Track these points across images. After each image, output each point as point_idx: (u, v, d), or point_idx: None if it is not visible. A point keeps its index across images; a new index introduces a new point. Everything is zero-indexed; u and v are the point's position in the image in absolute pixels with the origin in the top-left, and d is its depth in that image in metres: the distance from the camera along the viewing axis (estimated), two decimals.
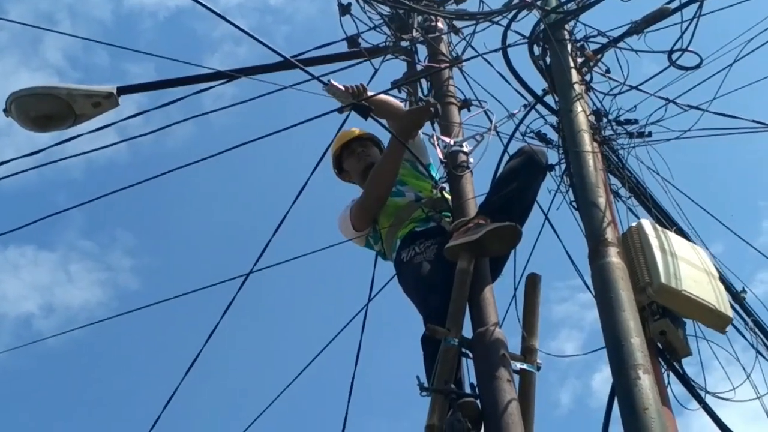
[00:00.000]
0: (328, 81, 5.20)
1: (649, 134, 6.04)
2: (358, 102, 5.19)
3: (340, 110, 5.32)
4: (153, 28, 17.42)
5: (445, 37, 6.47)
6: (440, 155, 5.50)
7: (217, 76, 5.93)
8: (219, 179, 15.46)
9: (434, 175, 5.55)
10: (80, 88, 5.56)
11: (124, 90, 5.71)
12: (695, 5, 5.44)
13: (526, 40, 5.89)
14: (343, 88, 5.21)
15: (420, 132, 5.59)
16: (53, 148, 5.54)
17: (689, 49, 5.59)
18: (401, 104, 5.71)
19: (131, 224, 17.05)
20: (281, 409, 6.39)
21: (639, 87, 6.05)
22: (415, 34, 6.38)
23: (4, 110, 5.47)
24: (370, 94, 5.42)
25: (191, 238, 16.78)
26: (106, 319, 6.89)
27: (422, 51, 6.45)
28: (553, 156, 5.59)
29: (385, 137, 5.70)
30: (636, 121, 6.05)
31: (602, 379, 15.81)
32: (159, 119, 5.96)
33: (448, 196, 5.41)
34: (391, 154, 5.43)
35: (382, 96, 5.62)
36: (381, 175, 5.45)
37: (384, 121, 5.51)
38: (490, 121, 5.78)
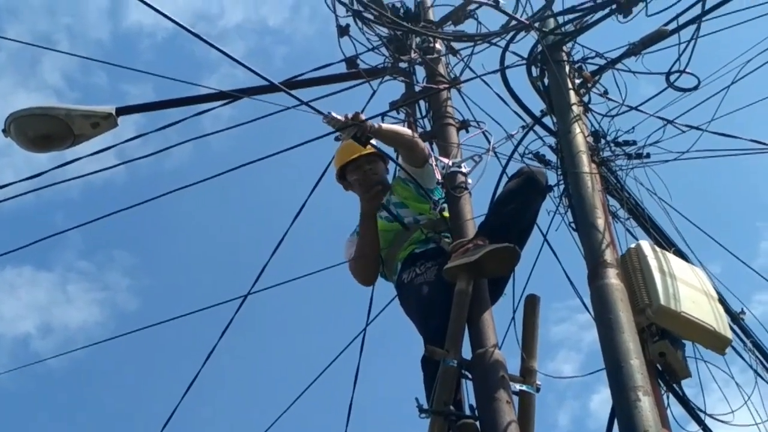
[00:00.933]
0: (328, 113, 5.19)
1: (648, 155, 6.04)
2: (357, 126, 5.17)
3: (338, 138, 5.30)
4: (151, 49, 17.48)
5: (443, 58, 6.48)
6: (438, 176, 5.49)
7: (219, 96, 5.94)
8: (217, 200, 15.50)
9: (436, 197, 5.51)
10: (79, 109, 5.56)
11: (123, 111, 5.72)
12: (693, 27, 5.46)
13: (524, 62, 5.91)
14: (341, 119, 5.20)
15: (430, 160, 5.54)
16: (53, 171, 5.54)
17: (687, 70, 5.59)
18: (405, 131, 5.65)
19: (129, 245, 17.07)
20: (280, 431, 6.37)
21: (637, 108, 6.06)
22: (413, 55, 6.38)
23: (3, 131, 5.48)
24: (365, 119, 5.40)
25: (189, 258, 16.80)
26: (106, 340, 6.90)
27: (420, 72, 6.46)
28: (551, 177, 5.60)
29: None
30: (634, 142, 6.06)
31: (600, 400, 15.81)
32: (157, 140, 5.97)
33: (447, 214, 5.40)
34: (363, 236, 5.49)
35: (386, 125, 5.57)
36: (359, 251, 5.50)
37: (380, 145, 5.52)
38: (489, 142, 5.78)
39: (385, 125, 5.50)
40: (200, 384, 6.13)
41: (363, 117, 5.29)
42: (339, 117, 5.14)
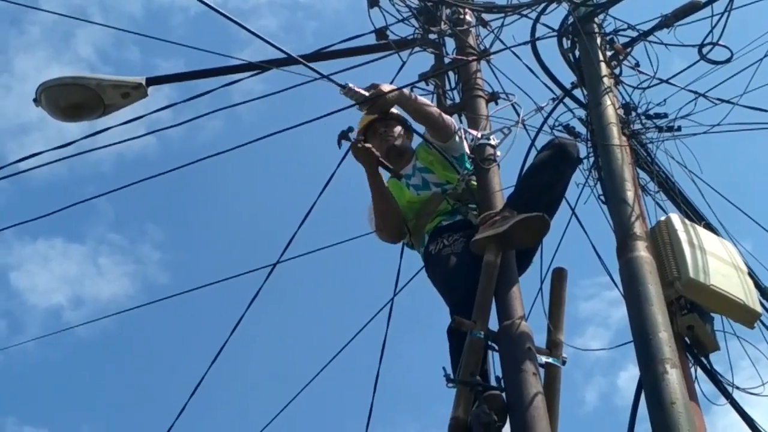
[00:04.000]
0: (346, 84, 5.18)
1: (679, 128, 6.01)
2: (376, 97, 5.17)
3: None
4: (184, 24, 17.47)
5: (473, 29, 6.44)
6: (467, 148, 5.48)
7: (247, 67, 5.95)
8: (247, 172, 15.51)
9: (462, 166, 5.48)
10: (109, 79, 5.61)
11: (153, 81, 5.74)
12: None
13: (555, 33, 5.87)
14: (360, 91, 5.18)
15: (458, 131, 5.49)
16: (83, 141, 5.58)
17: (720, 43, 5.55)
18: (428, 107, 5.59)
19: (160, 218, 17.16)
20: (306, 401, 6.42)
21: (669, 81, 6.01)
22: (443, 26, 6.35)
23: (34, 100, 5.52)
24: (388, 88, 5.38)
25: (220, 231, 16.84)
26: (134, 308, 6.98)
27: (450, 44, 6.43)
28: (581, 150, 5.57)
29: None
30: (665, 115, 6.02)
31: (628, 377, 15.77)
32: (189, 114, 5.98)
33: (474, 184, 5.36)
34: (372, 193, 5.43)
35: (406, 93, 5.52)
36: (375, 210, 5.48)
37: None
38: (518, 115, 5.75)
39: (408, 94, 5.45)
40: (228, 354, 6.18)
41: (385, 87, 5.28)
42: (358, 89, 5.13)
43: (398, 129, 5.64)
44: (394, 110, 5.55)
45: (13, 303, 17.19)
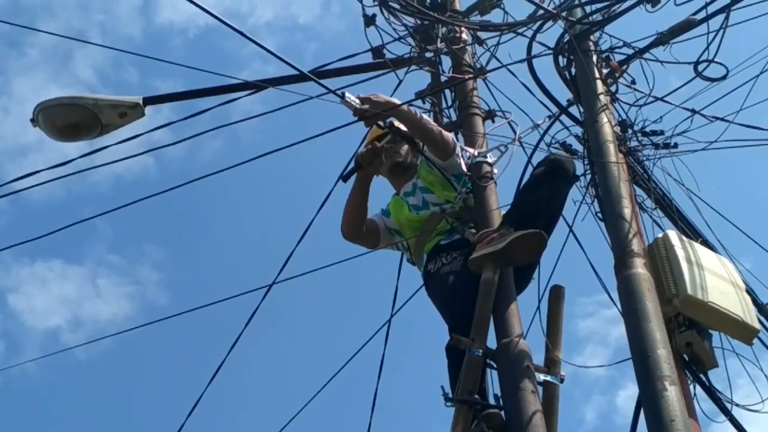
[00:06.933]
0: (343, 93, 5.18)
1: (675, 145, 6.03)
2: (374, 112, 5.18)
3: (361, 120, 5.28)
4: (182, 46, 17.55)
5: (469, 48, 6.45)
6: (464, 166, 5.47)
7: (244, 86, 5.96)
8: (246, 193, 15.53)
9: (461, 185, 5.46)
10: (107, 98, 5.60)
11: (150, 100, 5.74)
12: (721, 16, 5.41)
13: (551, 51, 5.88)
14: (359, 101, 5.18)
15: (457, 148, 5.48)
16: (81, 160, 5.59)
17: (715, 60, 5.55)
18: (429, 124, 5.56)
19: (159, 239, 17.16)
20: (305, 421, 6.39)
21: (664, 98, 6.03)
22: (439, 45, 6.37)
23: (32, 120, 5.52)
24: (385, 100, 5.37)
25: (218, 251, 16.86)
26: (133, 328, 6.96)
27: (446, 62, 6.44)
28: (578, 167, 5.57)
29: None
30: (661, 132, 6.05)
31: (627, 396, 15.74)
32: (188, 135, 6.00)
33: (472, 202, 5.35)
34: (354, 190, 5.55)
35: (410, 112, 5.50)
36: (347, 208, 5.58)
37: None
38: (515, 132, 5.74)
39: (408, 111, 5.42)
40: (225, 375, 6.16)
41: (382, 98, 5.26)
42: (356, 101, 5.12)
43: (404, 146, 5.65)
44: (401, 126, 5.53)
45: (11, 324, 17.19)
